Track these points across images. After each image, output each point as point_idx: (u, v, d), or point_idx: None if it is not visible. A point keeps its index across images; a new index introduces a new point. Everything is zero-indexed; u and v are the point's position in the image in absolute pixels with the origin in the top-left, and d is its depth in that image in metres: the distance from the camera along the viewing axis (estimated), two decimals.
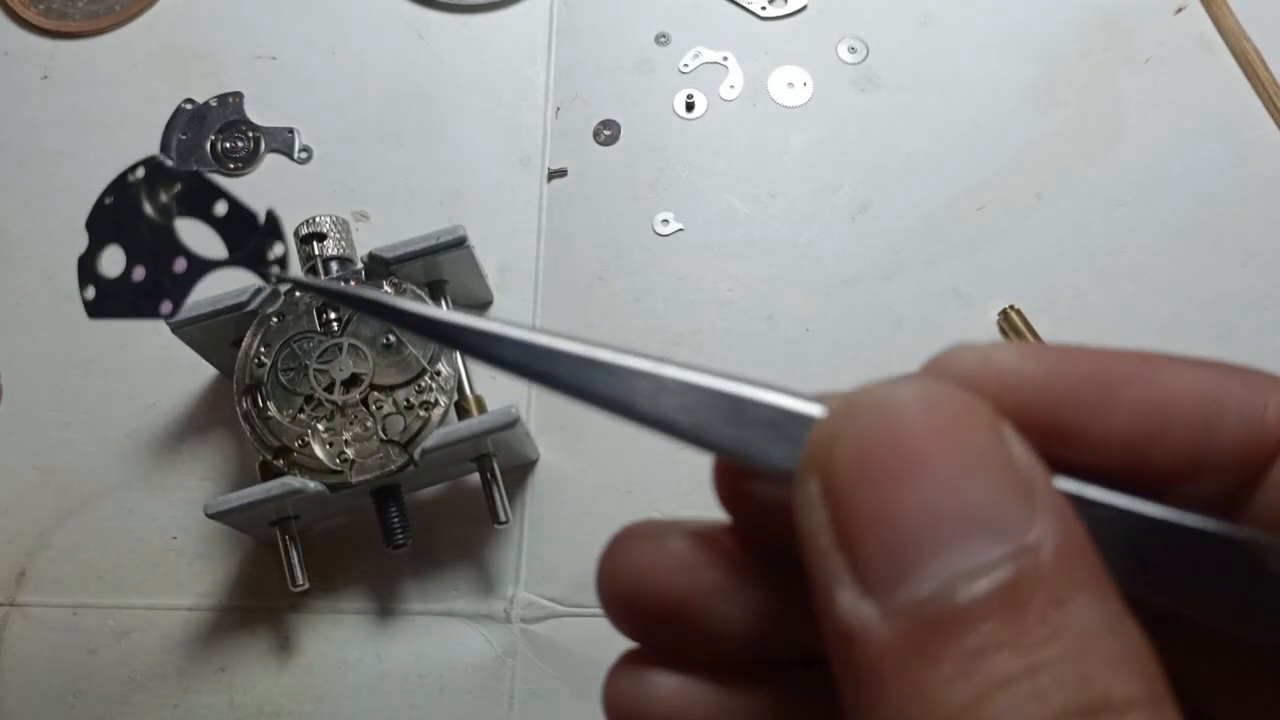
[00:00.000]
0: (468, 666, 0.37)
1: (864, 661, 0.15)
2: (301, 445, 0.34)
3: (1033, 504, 0.15)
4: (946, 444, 0.16)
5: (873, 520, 0.16)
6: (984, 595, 0.14)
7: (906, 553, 0.15)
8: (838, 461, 0.16)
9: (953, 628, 0.14)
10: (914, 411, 0.16)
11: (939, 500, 0.15)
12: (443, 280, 0.38)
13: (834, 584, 0.16)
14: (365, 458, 0.34)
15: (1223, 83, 0.46)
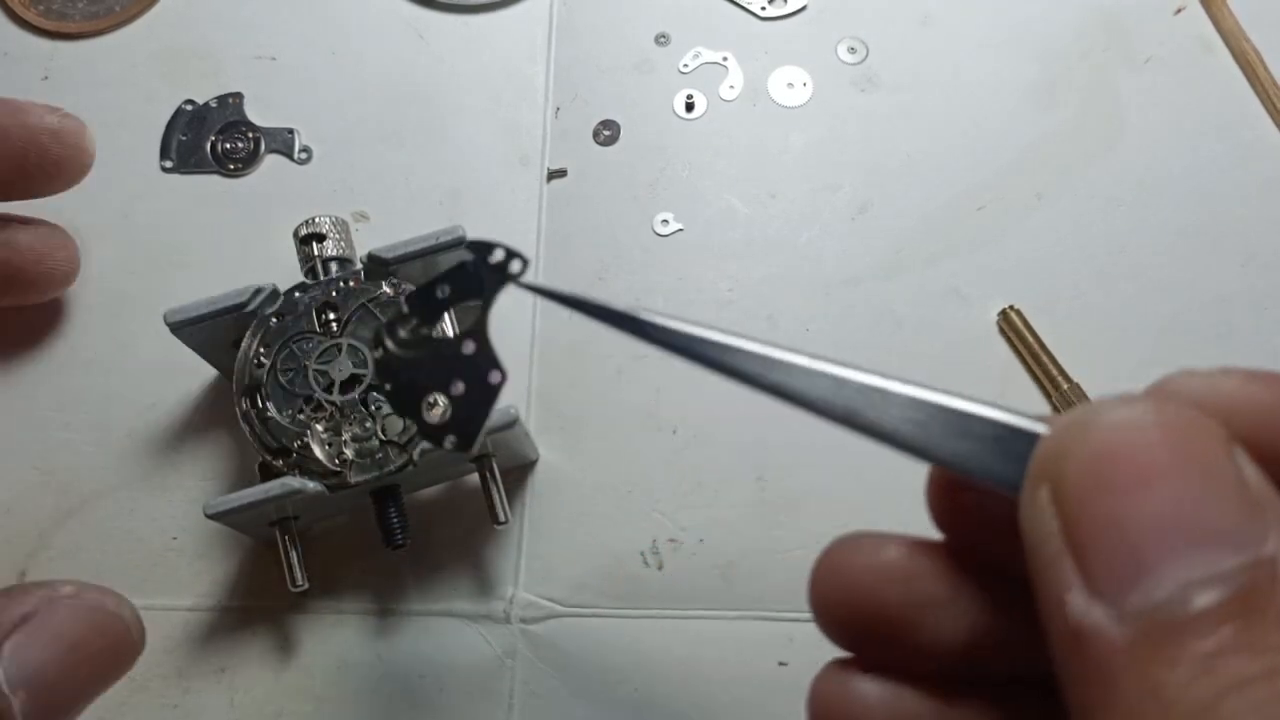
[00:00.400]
0: (468, 666, 0.37)
1: (1097, 662, 0.16)
2: (301, 446, 0.34)
3: (1266, 520, 0.16)
4: (1180, 458, 0.16)
5: (1106, 527, 0.16)
6: (1220, 601, 0.15)
7: (1140, 559, 0.16)
8: (1070, 472, 0.17)
9: (1189, 631, 0.15)
10: (1148, 427, 0.17)
11: (1173, 510, 0.16)
12: None
13: (1064, 587, 0.16)
14: (364, 458, 0.34)
15: (1223, 83, 0.46)
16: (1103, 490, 0.16)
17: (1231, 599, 0.15)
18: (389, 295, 0.35)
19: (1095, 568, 0.16)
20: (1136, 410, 0.17)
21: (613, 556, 0.39)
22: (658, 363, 0.42)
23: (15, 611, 0.26)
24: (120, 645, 0.28)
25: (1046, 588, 0.17)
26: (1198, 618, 0.15)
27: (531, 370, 0.42)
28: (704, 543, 0.39)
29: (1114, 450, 0.17)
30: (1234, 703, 0.14)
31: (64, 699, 0.26)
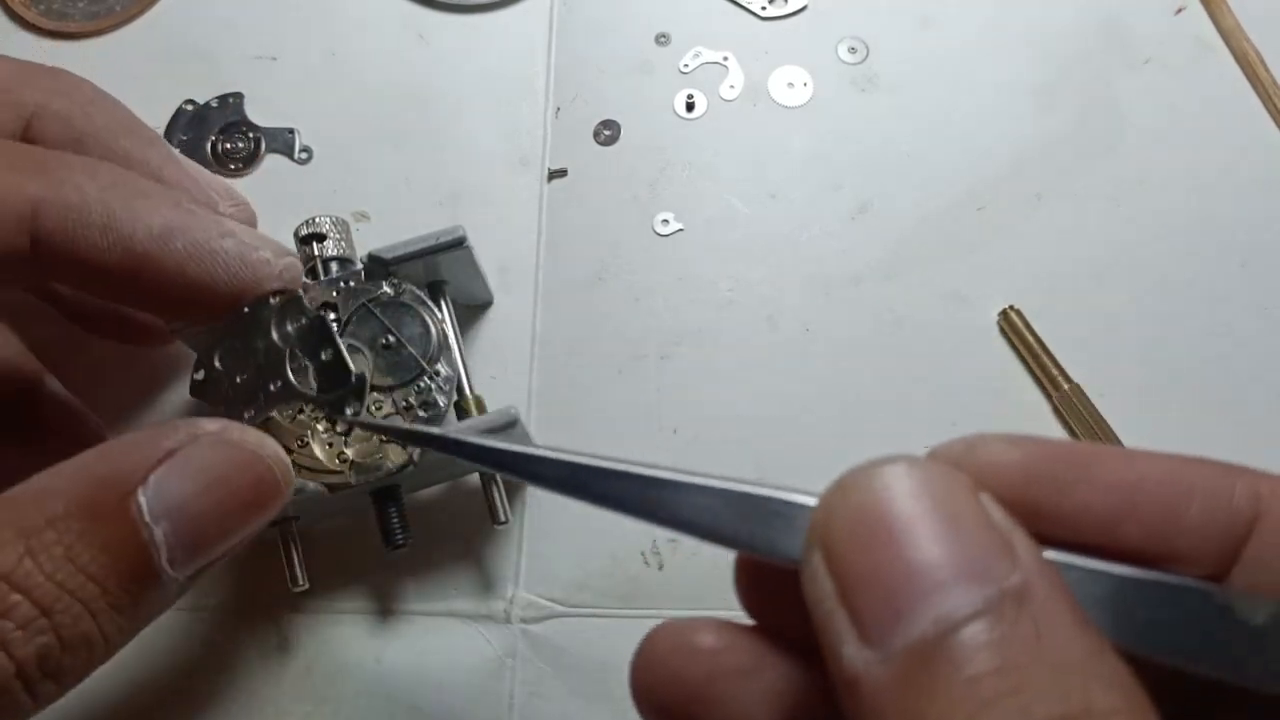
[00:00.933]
0: (468, 666, 0.37)
1: (868, 703, 0.17)
2: (301, 446, 0.34)
3: (1013, 555, 0.17)
4: (930, 507, 0.18)
5: (868, 578, 0.17)
6: (970, 632, 0.16)
7: (898, 602, 0.17)
8: (835, 532, 0.18)
9: (943, 662, 0.16)
10: (899, 482, 0.18)
11: (926, 555, 0.17)
12: (442, 281, 0.38)
13: (839, 640, 0.18)
14: (365, 458, 0.34)
15: (1223, 83, 0.46)
16: (863, 545, 0.18)
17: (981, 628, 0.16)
18: (389, 295, 0.35)
19: (863, 617, 0.17)
20: (891, 470, 0.18)
21: (613, 556, 0.39)
22: (658, 363, 0.42)
23: (161, 445, 0.26)
24: (263, 483, 0.28)
25: (826, 644, 0.18)
26: (951, 648, 0.16)
27: (531, 370, 0.42)
28: (704, 543, 0.39)
29: (870, 508, 0.18)
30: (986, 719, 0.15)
31: (206, 533, 0.27)
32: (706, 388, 0.41)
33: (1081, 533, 0.20)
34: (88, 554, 0.24)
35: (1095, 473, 0.20)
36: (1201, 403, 0.40)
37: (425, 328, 0.35)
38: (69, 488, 0.25)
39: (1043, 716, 0.15)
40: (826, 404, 0.41)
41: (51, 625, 0.24)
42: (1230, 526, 0.19)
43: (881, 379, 0.41)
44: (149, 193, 0.29)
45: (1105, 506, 0.20)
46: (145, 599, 0.26)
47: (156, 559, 0.26)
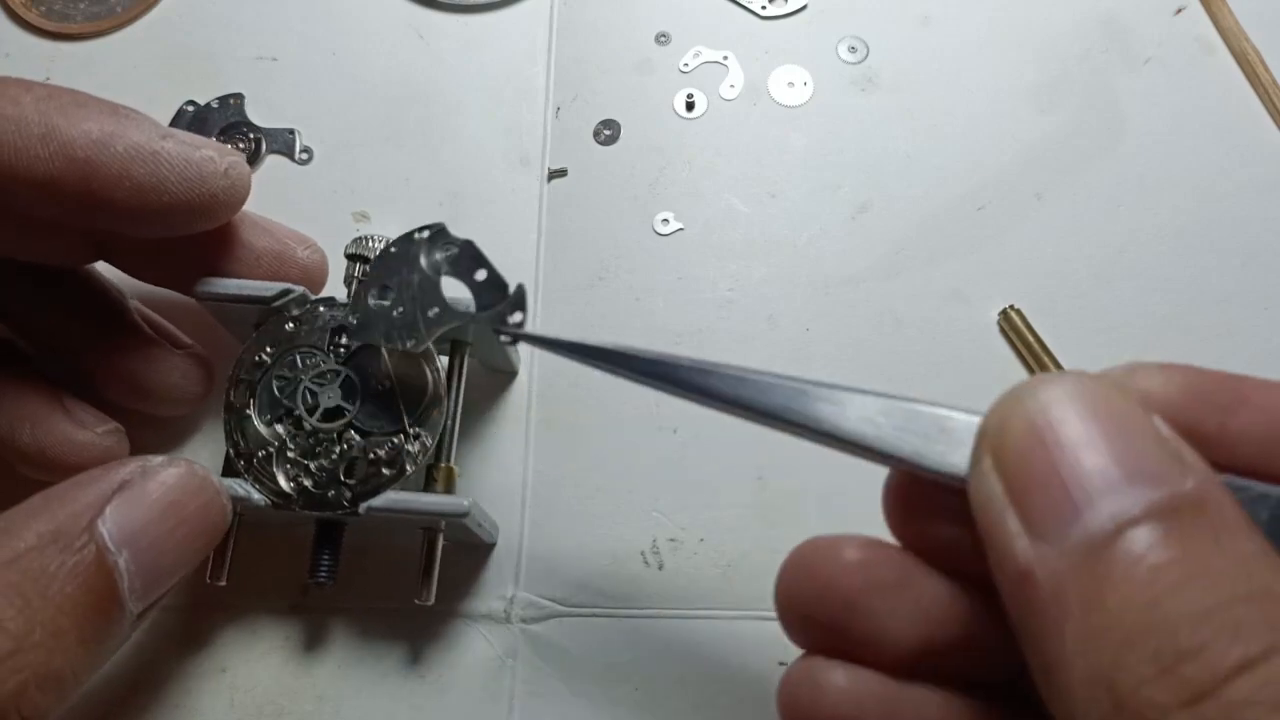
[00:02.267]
0: (468, 666, 0.37)
1: (1044, 593, 0.17)
2: (264, 457, 0.34)
3: (1185, 465, 0.18)
4: (1103, 416, 0.18)
5: (1041, 479, 0.18)
6: (1148, 528, 0.17)
7: (1074, 501, 0.18)
8: (1008, 438, 0.19)
9: (1124, 554, 0.17)
10: (1071, 395, 0.19)
11: (1099, 458, 0.18)
12: (465, 341, 0.38)
13: (1011, 537, 0.18)
14: (318, 489, 0.34)
15: (1223, 83, 0.46)
16: (1036, 449, 0.18)
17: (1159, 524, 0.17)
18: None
19: (1036, 515, 0.18)
20: (1063, 383, 0.19)
21: (613, 556, 0.39)
22: None
23: (114, 478, 0.27)
24: (211, 507, 0.30)
25: (995, 543, 0.19)
26: (1131, 542, 0.17)
27: (532, 370, 0.42)
28: (704, 542, 0.39)
29: (1044, 414, 0.19)
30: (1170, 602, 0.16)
31: (165, 559, 0.28)
32: None
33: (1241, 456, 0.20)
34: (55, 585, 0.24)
35: (1254, 398, 0.20)
36: None
37: (423, 381, 0.34)
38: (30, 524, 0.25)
39: (1230, 595, 0.16)
40: None
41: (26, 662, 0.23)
42: None
43: (881, 379, 0.41)
44: (85, 102, 0.29)
45: (1267, 430, 0.20)
46: (109, 633, 0.26)
47: (120, 589, 0.26)
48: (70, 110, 0.29)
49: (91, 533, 0.25)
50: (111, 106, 0.30)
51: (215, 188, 0.31)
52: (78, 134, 0.29)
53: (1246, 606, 0.16)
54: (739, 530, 0.39)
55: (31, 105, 0.28)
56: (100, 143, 0.29)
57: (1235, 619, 0.15)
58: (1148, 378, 0.21)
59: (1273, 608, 0.16)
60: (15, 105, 0.28)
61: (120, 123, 0.30)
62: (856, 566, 0.23)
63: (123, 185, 0.29)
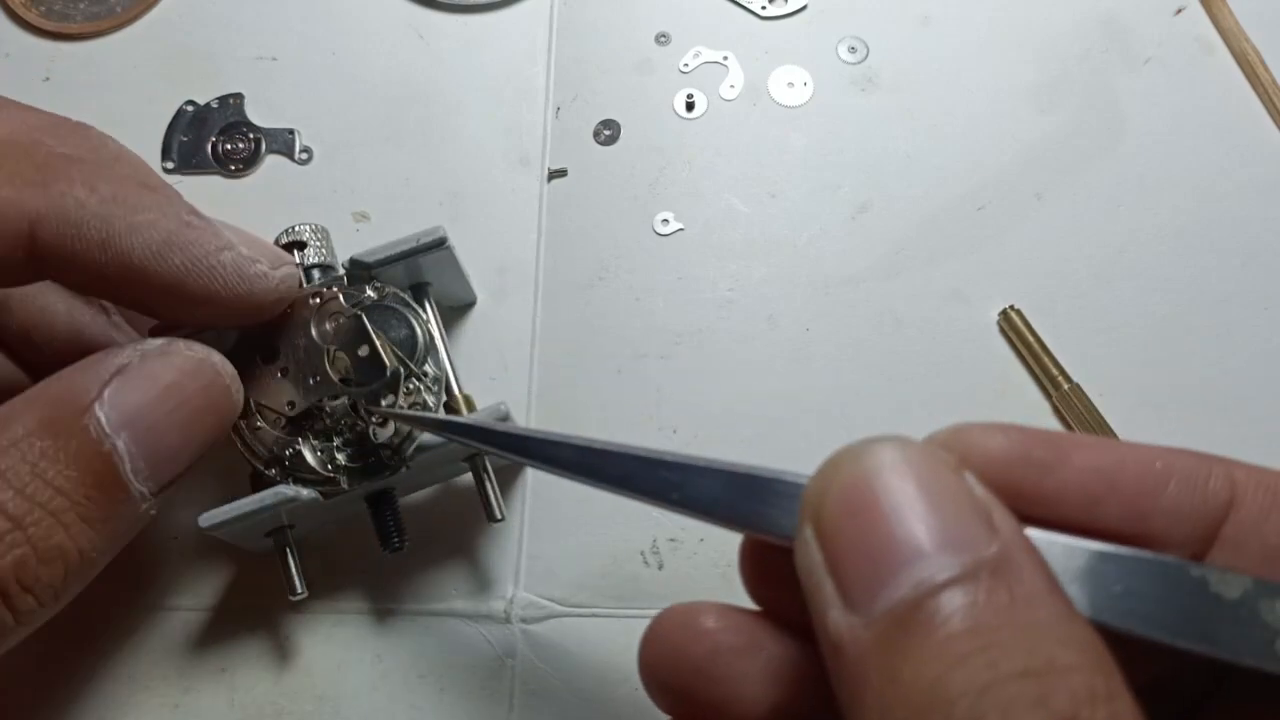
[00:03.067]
0: (468, 666, 0.37)
1: (851, 663, 0.18)
2: (293, 454, 0.34)
3: (992, 527, 0.18)
4: (915, 483, 0.19)
5: (854, 548, 0.19)
6: (947, 596, 0.17)
7: (881, 570, 0.18)
8: (825, 505, 0.19)
9: (920, 624, 0.17)
10: (886, 459, 0.19)
11: (909, 526, 0.18)
12: (425, 282, 0.38)
13: (826, 606, 0.19)
14: (357, 462, 0.34)
15: (1223, 83, 0.46)
16: (850, 517, 0.19)
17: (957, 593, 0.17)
18: (373, 299, 0.35)
19: (848, 584, 0.18)
20: (879, 449, 0.20)
21: (613, 556, 0.39)
22: (658, 363, 0.42)
23: (112, 363, 0.27)
24: (213, 388, 0.30)
25: (815, 610, 0.19)
26: (929, 612, 0.17)
27: (532, 370, 0.42)
28: (704, 542, 0.39)
29: (858, 483, 0.19)
30: (955, 675, 0.16)
31: (165, 441, 0.28)
32: (706, 388, 0.41)
33: (1062, 512, 0.21)
34: (53, 469, 0.25)
35: (1075, 457, 0.21)
36: (1201, 403, 0.40)
37: (411, 329, 0.35)
38: (27, 411, 0.25)
39: (1008, 671, 0.16)
40: (827, 404, 0.41)
41: (26, 538, 0.24)
42: (1206, 510, 0.20)
43: (881, 379, 0.41)
44: (148, 206, 0.29)
45: (1085, 487, 0.21)
46: (115, 513, 0.26)
47: (122, 470, 0.26)
48: (133, 215, 0.28)
49: (89, 416, 0.26)
50: (175, 211, 0.30)
51: (264, 301, 0.32)
52: (137, 243, 0.28)
53: (1022, 683, 0.16)
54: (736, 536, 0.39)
55: (94, 208, 0.28)
56: (159, 255, 0.29)
57: (1009, 696, 0.16)
58: (975, 436, 0.22)
59: (1048, 682, 0.16)
60: (79, 209, 0.28)
61: (182, 232, 0.29)
62: (707, 633, 0.24)
63: (174, 294, 0.29)
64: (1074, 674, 0.16)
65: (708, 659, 0.23)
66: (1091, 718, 0.16)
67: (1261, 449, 0.39)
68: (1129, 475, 0.21)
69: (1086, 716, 0.16)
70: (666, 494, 0.23)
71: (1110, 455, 0.21)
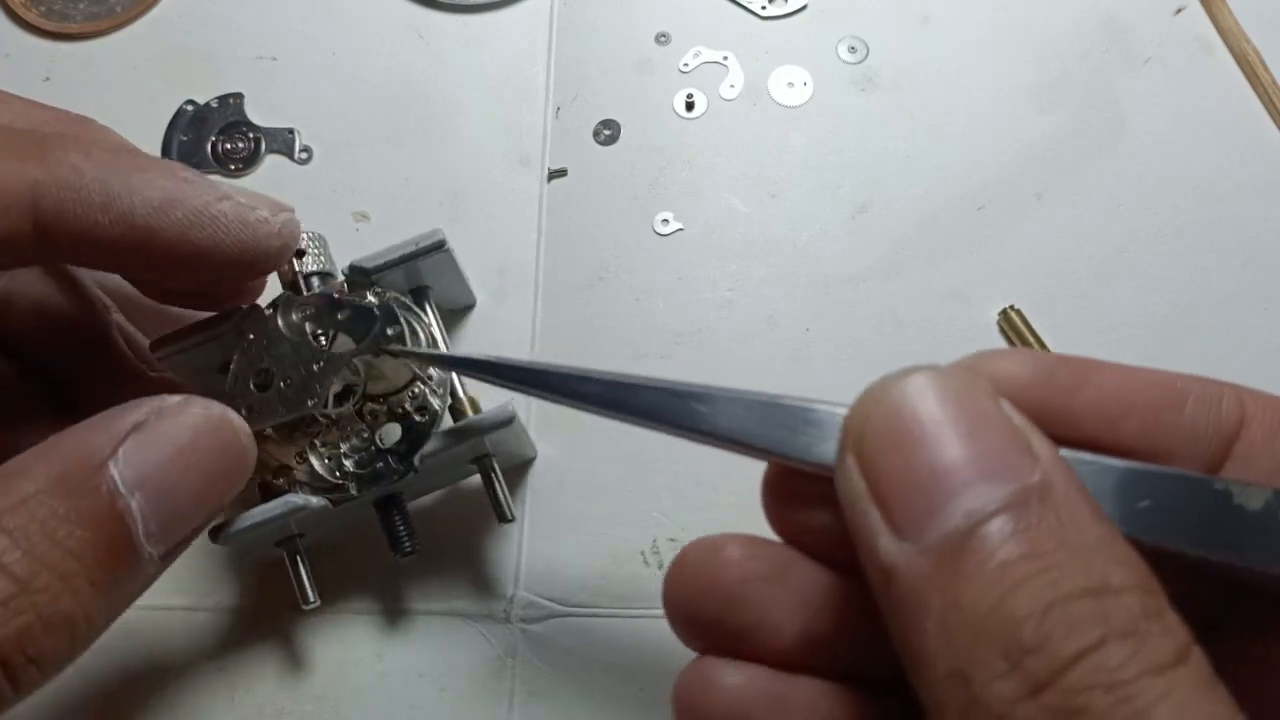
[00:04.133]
0: (468, 666, 0.37)
1: (906, 590, 0.18)
2: (300, 462, 0.34)
3: (1033, 455, 0.19)
4: (956, 412, 0.19)
5: (899, 478, 0.19)
6: (999, 523, 0.18)
7: (931, 500, 0.18)
8: (868, 437, 0.20)
9: (976, 550, 0.18)
10: (927, 389, 0.20)
11: (953, 455, 0.19)
12: (425, 286, 0.38)
13: (874, 535, 0.19)
14: (365, 468, 0.34)
15: (1223, 83, 0.46)
16: (895, 447, 0.19)
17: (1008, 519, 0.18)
18: (373, 305, 0.35)
19: (897, 513, 0.19)
20: (918, 378, 0.20)
21: (613, 556, 0.39)
22: (658, 363, 0.42)
23: (127, 420, 0.26)
24: (230, 449, 0.29)
25: (861, 540, 0.20)
26: (983, 538, 0.18)
27: None
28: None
29: (900, 412, 0.20)
30: (1017, 596, 0.17)
31: (180, 504, 0.27)
32: None
33: (1085, 432, 0.21)
34: (64, 529, 0.24)
35: (1096, 378, 0.22)
36: None
37: (413, 334, 0.35)
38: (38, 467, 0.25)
39: (1069, 591, 0.17)
40: None
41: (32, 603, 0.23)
42: (1220, 426, 0.21)
43: None
44: (145, 166, 0.29)
45: (1106, 407, 0.21)
46: (125, 576, 0.26)
47: (134, 533, 0.25)
48: (130, 175, 0.29)
49: (103, 475, 0.25)
50: (169, 169, 0.30)
51: (269, 247, 0.32)
52: (138, 202, 0.29)
53: (1082, 602, 0.17)
54: (739, 529, 0.39)
55: (92, 173, 0.28)
56: (160, 210, 0.29)
57: (1072, 614, 0.17)
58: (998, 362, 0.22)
59: (1106, 601, 0.17)
60: (77, 174, 0.28)
61: (180, 187, 0.30)
62: (735, 561, 0.24)
63: (180, 249, 0.30)
64: (1127, 592, 0.17)
65: (737, 585, 0.24)
66: (1148, 631, 0.17)
67: None
68: (1147, 396, 0.21)
69: (1144, 630, 0.17)
70: (696, 424, 0.23)
71: (1129, 378, 0.22)
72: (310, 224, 0.40)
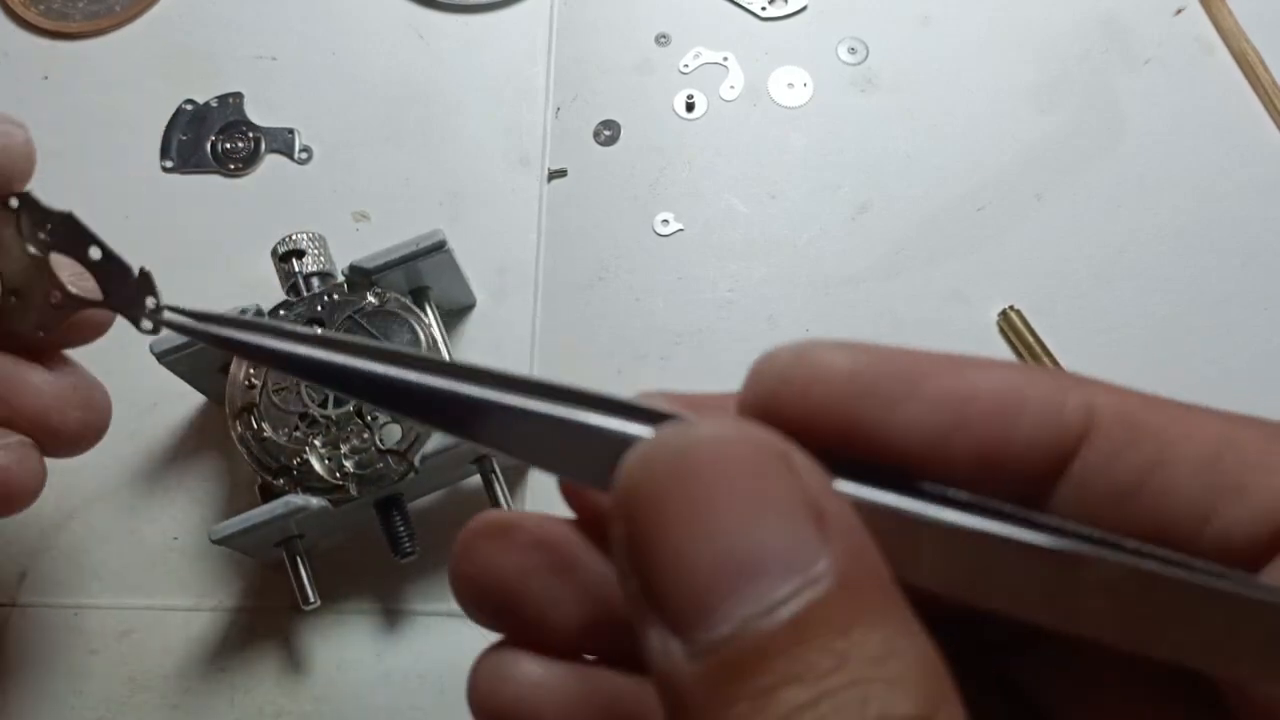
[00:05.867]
0: (468, 666, 0.37)
1: (675, 698, 0.16)
2: (300, 463, 0.34)
3: (824, 531, 0.16)
4: (736, 486, 0.16)
5: (672, 567, 0.16)
6: (772, 633, 0.15)
7: (704, 596, 0.15)
8: (638, 510, 0.17)
9: (747, 667, 0.15)
10: (706, 456, 0.16)
11: (730, 544, 0.16)
12: (425, 286, 0.38)
13: (646, 625, 0.16)
14: (365, 469, 0.34)
15: (1223, 83, 0.46)
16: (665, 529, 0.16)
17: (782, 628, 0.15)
18: (374, 305, 0.35)
19: (669, 607, 0.16)
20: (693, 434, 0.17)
21: None
22: (658, 363, 0.42)
23: None
24: None
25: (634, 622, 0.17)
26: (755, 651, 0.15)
27: (532, 370, 0.42)
28: None
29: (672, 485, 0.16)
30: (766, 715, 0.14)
31: None
32: (706, 388, 0.41)
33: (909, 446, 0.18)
34: None
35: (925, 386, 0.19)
36: (1201, 402, 0.40)
37: (413, 334, 0.35)
38: None
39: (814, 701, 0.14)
40: None
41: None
42: (1060, 439, 0.18)
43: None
44: None
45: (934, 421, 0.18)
46: None
47: None
48: None
49: None
50: None
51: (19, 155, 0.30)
52: None
53: None
54: None
55: None
56: None
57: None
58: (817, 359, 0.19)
59: None
60: None
61: None
62: (519, 548, 0.22)
63: None
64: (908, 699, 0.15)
65: (517, 576, 0.21)
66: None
67: None
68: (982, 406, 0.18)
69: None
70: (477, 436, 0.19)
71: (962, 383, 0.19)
72: (310, 224, 0.41)
